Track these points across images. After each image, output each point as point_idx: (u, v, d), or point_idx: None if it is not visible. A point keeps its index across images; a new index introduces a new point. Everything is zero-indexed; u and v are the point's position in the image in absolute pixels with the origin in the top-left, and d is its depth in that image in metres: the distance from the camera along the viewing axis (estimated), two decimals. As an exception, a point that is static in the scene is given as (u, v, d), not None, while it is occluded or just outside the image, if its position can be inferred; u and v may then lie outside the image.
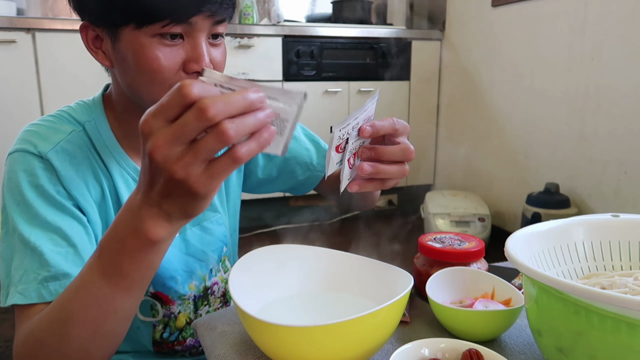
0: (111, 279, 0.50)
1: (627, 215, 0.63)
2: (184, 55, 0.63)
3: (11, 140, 0.68)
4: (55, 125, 0.70)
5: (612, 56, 2.00)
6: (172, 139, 0.41)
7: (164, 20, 0.60)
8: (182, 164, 0.42)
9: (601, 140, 2.08)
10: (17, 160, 0.66)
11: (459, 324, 0.60)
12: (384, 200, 3.21)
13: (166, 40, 0.62)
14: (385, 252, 2.50)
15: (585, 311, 0.44)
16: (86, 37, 0.67)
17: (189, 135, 0.41)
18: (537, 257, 0.58)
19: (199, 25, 0.62)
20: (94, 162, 0.70)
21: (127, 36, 0.62)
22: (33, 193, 0.63)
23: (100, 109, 0.74)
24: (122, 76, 0.67)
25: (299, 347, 0.50)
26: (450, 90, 3.00)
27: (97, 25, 0.65)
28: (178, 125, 0.41)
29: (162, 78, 0.63)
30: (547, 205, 2.17)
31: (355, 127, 0.58)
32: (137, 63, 0.62)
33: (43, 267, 0.60)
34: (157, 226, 0.46)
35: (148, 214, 0.46)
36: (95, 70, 0.72)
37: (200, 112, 0.40)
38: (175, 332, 0.81)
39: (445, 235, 0.74)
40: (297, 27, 2.70)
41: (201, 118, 0.40)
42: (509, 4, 2.49)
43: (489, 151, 2.74)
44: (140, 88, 0.65)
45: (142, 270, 0.50)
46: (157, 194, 0.45)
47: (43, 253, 0.60)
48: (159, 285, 0.78)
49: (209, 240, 0.82)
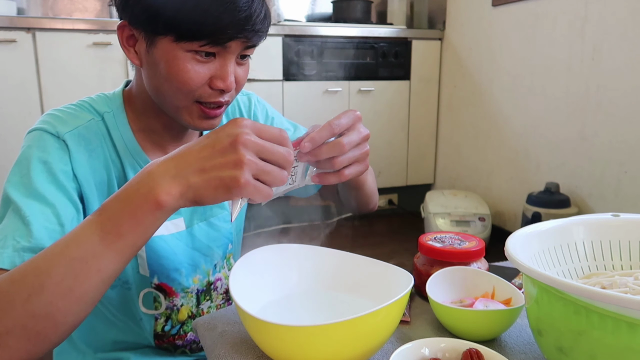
0: (106, 236, 0.51)
1: (628, 215, 0.63)
2: (212, 72, 0.67)
3: (11, 139, 0.69)
4: (76, 112, 0.73)
5: (613, 56, 2.00)
6: (261, 143, 0.52)
7: (202, 40, 0.64)
8: (251, 159, 0.51)
9: (601, 140, 2.08)
10: (34, 137, 0.68)
11: (459, 324, 0.60)
12: (384, 200, 3.21)
13: (199, 56, 0.65)
14: (385, 251, 2.50)
15: (585, 311, 0.44)
16: (122, 35, 0.69)
17: (272, 154, 0.53)
18: (537, 257, 0.58)
19: (232, 49, 0.66)
20: (107, 152, 0.73)
21: (163, 45, 0.65)
22: (39, 167, 0.65)
23: (119, 102, 0.76)
24: (150, 78, 0.70)
25: (299, 346, 0.50)
26: (450, 90, 3.00)
27: (137, 27, 0.67)
28: (272, 144, 0.53)
29: (189, 90, 0.67)
30: (548, 204, 2.17)
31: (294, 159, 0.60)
32: (168, 72, 0.66)
33: (25, 237, 0.59)
34: (169, 193, 0.51)
35: (170, 178, 0.51)
36: (96, 70, 0.72)
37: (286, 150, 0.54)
38: (177, 325, 0.82)
39: (445, 235, 0.74)
40: (298, 26, 2.70)
41: (285, 154, 0.54)
42: (509, 3, 2.49)
43: (489, 151, 2.74)
44: (165, 93, 0.69)
45: (138, 233, 0.52)
46: (202, 167, 0.51)
47: (30, 223, 0.60)
48: (163, 277, 0.79)
49: (215, 235, 0.84)
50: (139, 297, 0.79)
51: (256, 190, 0.52)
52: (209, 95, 0.68)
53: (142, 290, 0.79)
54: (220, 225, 0.85)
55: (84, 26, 2.26)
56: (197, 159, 0.52)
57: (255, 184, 0.52)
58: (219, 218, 0.85)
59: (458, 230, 2.44)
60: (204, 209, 0.83)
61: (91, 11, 2.83)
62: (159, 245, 0.77)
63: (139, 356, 0.81)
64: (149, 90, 0.72)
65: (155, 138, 0.77)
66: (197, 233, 0.82)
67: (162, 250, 0.77)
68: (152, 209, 0.51)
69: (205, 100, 0.68)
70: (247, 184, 0.51)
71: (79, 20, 2.28)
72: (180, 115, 0.70)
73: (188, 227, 0.81)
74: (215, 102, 0.69)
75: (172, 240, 0.79)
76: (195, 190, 0.51)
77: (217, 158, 0.51)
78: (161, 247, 0.77)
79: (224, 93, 0.69)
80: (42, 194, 0.63)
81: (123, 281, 0.77)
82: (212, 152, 0.51)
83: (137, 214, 0.51)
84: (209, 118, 0.70)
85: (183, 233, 0.80)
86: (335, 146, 0.61)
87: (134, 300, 0.78)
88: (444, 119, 3.08)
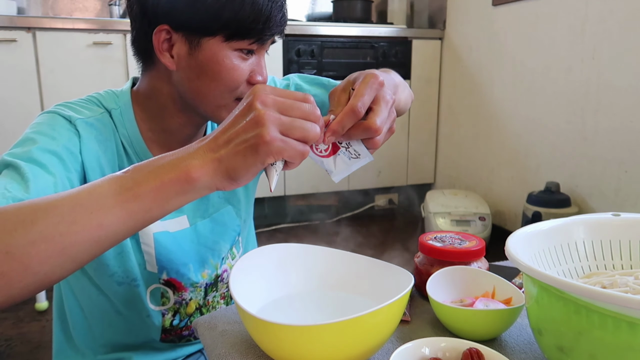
0: (123, 192, 0.47)
1: (628, 214, 0.63)
2: (250, 68, 0.71)
3: (11, 139, 0.68)
4: (88, 105, 0.74)
5: (613, 55, 2.00)
6: (282, 100, 0.50)
7: (252, 38, 0.68)
8: (272, 114, 0.48)
9: (602, 139, 2.08)
10: (46, 117, 0.69)
11: (460, 323, 0.60)
12: (384, 199, 3.21)
13: (243, 54, 0.70)
14: (385, 251, 2.50)
15: (585, 310, 0.44)
16: (158, 39, 0.70)
17: (296, 110, 0.50)
18: (537, 256, 0.58)
19: (266, 45, 0.72)
20: (115, 146, 0.74)
21: (211, 46, 0.68)
22: (45, 140, 0.65)
23: (127, 99, 0.76)
24: (189, 81, 0.71)
25: (299, 346, 0.50)
26: (450, 89, 3.00)
27: (180, 31, 0.68)
28: (293, 101, 0.51)
29: (235, 86, 0.70)
30: (548, 204, 2.17)
31: None
32: (217, 71, 0.69)
33: (21, 190, 0.56)
34: (202, 168, 0.48)
35: (203, 155, 0.49)
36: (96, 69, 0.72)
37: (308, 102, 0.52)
38: (185, 318, 0.84)
39: (445, 234, 0.74)
40: (298, 26, 2.70)
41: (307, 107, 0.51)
42: (509, 2, 2.49)
43: (490, 150, 2.73)
44: (208, 94, 0.71)
45: (157, 200, 0.48)
46: (228, 137, 0.49)
47: (29, 180, 0.57)
48: (173, 272, 0.80)
49: (221, 230, 0.85)
50: (146, 294, 0.79)
51: (286, 145, 0.49)
52: (247, 90, 0.70)
53: (150, 286, 0.79)
54: (225, 220, 0.85)
55: (84, 26, 2.26)
56: (224, 130, 0.50)
57: (283, 138, 0.48)
58: (222, 213, 0.85)
59: (458, 230, 2.44)
60: (206, 206, 0.83)
61: (91, 11, 2.83)
62: (168, 241, 0.77)
63: (140, 355, 0.82)
64: (185, 92, 0.72)
65: (164, 138, 0.77)
66: (201, 229, 0.82)
67: (170, 246, 0.78)
68: (181, 180, 0.48)
69: (242, 96, 0.69)
70: (273, 139, 0.47)
71: (79, 19, 2.28)
72: (219, 114, 0.72)
73: (192, 224, 0.81)
74: None
75: (179, 236, 0.79)
76: (227, 162, 0.49)
77: (240, 123, 0.49)
78: (169, 242, 0.78)
79: None
80: (44, 162, 0.61)
81: (131, 279, 0.77)
82: (235, 121, 0.50)
83: (164, 179, 0.48)
84: None
85: (187, 230, 0.81)
86: (368, 130, 0.56)
87: (142, 297, 0.79)
88: (444, 119, 3.08)
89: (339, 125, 0.55)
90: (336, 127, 0.55)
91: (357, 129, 0.56)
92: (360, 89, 0.56)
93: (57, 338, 0.85)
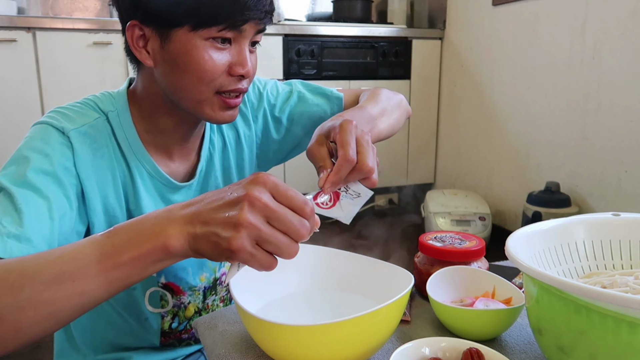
0: (104, 260, 0.48)
1: (628, 214, 0.63)
2: (230, 59, 0.68)
3: (11, 139, 0.68)
4: (83, 110, 0.73)
5: (613, 55, 2.00)
6: (273, 207, 0.47)
7: (220, 25, 0.65)
8: (254, 222, 0.46)
9: (602, 139, 2.08)
10: (38, 129, 0.68)
11: (460, 323, 0.60)
12: (384, 199, 3.21)
13: (217, 43, 0.67)
14: (385, 251, 2.50)
15: (586, 310, 0.44)
16: (131, 36, 0.69)
17: (282, 223, 0.47)
18: (537, 256, 0.58)
19: (247, 33, 0.68)
20: (112, 151, 0.73)
21: (180, 37, 0.66)
22: (38, 158, 0.64)
23: (124, 101, 0.75)
24: (167, 76, 0.69)
25: (299, 346, 0.50)
26: (450, 89, 3.00)
27: (150, 25, 0.67)
28: (285, 211, 0.48)
29: (210, 78, 0.67)
30: (548, 204, 2.17)
31: None
32: (188, 63, 0.66)
33: (14, 224, 0.57)
34: (177, 240, 0.48)
35: (181, 226, 0.48)
36: (96, 69, 0.72)
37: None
38: (184, 322, 0.83)
39: (445, 234, 0.74)
40: (298, 26, 2.70)
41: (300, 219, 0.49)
42: (509, 3, 2.49)
43: (490, 150, 2.73)
44: (185, 87, 0.68)
45: (136, 268, 0.49)
46: (207, 218, 0.47)
47: (22, 212, 0.58)
48: (171, 276, 0.79)
49: None
50: (145, 297, 0.79)
51: (252, 259, 0.47)
52: (229, 83, 0.69)
53: (148, 289, 0.79)
54: None
55: (84, 26, 2.26)
56: (208, 209, 0.48)
57: (253, 251, 0.46)
58: None
59: (458, 230, 2.44)
60: None
61: (91, 11, 2.83)
62: None
63: (140, 355, 0.82)
64: (166, 89, 0.71)
65: (161, 139, 0.77)
66: None
67: None
68: (157, 250, 0.48)
69: (226, 89, 0.69)
70: (241, 249, 0.46)
71: (79, 19, 2.28)
72: (201, 110, 0.70)
73: None
74: (235, 90, 0.70)
75: None
76: (199, 242, 0.48)
77: (223, 212, 0.47)
78: None
79: (242, 80, 0.70)
80: (37, 186, 0.62)
81: None
82: (222, 205, 0.47)
83: (142, 250, 0.48)
84: (229, 109, 0.71)
85: None
86: (362, 172, 0.59)
87: (140, 300, 0.79)
88: (444, 119, 3.08)
89: (337, 177, 0.58)
90: (335, 179, 0.58)
91: (353, 174, 0.59)
92: (345, 138, 0.59)
93: (58, 338, 0.85)
